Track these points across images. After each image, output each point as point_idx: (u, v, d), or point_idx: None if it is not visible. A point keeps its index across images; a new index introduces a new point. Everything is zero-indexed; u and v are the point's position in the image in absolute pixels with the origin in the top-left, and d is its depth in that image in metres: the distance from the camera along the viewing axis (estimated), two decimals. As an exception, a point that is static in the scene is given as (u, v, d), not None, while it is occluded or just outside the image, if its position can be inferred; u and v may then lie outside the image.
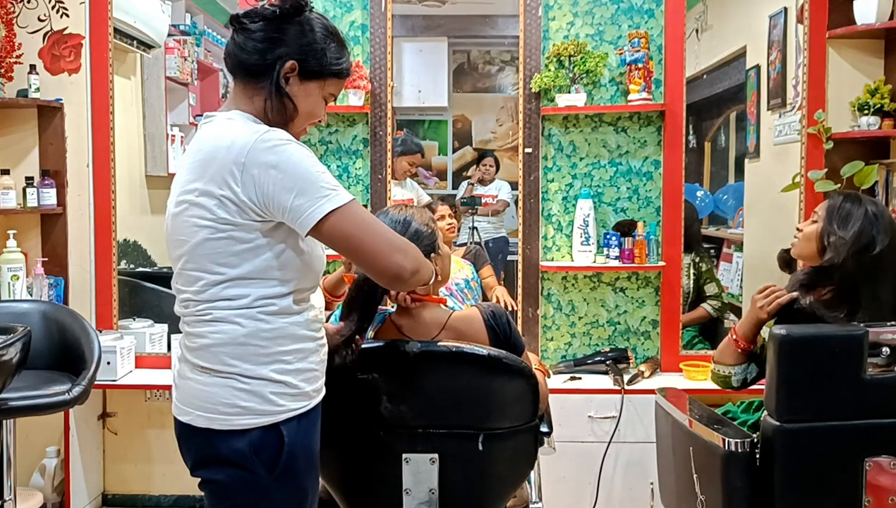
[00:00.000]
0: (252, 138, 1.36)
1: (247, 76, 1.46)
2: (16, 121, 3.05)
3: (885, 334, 1.84)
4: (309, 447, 1.48)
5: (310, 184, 1.35)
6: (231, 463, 1.41)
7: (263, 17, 1.44)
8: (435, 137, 4.40)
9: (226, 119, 1.44)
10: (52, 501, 2.99)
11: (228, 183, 1.35)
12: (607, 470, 2.84)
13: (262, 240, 1.39)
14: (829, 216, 2.05)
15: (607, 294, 3.09)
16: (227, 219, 1.37)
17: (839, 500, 1.83)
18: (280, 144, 1.36)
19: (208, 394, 1.42)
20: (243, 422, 1.40)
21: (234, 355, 1.41)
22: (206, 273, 1.41)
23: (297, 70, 1.45)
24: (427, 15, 3.97)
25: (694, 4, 3.55)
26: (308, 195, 1.35)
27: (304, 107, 1.48)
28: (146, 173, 3.48)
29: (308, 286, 1.47)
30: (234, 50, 1.47)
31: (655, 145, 3.03)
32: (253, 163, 1.34)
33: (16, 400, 2.29)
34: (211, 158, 1.38)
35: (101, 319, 3.06)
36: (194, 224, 1.40)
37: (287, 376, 1.43)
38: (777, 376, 1.81)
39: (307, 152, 1.40)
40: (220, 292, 1.41)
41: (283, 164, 1.35)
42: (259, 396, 1.40)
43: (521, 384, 1.71)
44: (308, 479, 1.48)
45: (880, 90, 2.81)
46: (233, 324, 1.40)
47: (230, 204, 1.36)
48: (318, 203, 1.35)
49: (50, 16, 3.04)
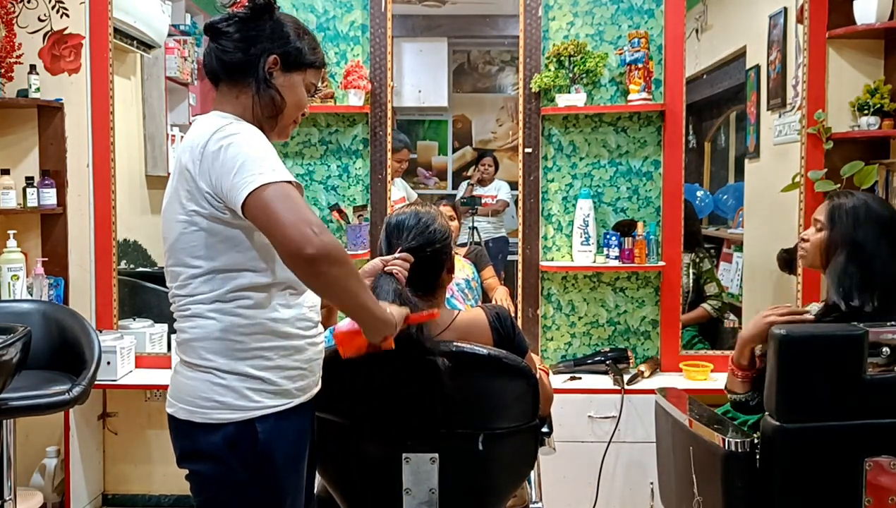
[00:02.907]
0: (210, 131, 1.40)
1: (231, 77, 1.51)
2: (16, 121, 3.05)
3: (885, 334, 1.84)
4: (290, 446, 1.48)
5: (249, 164, 1.35)
6: (209, 456, 1.44)
7: (238, 18, 1.51)
8: (435, 137, 4.40)
9: (203, 119, 1.49)
10: (52, 501, 2.99)
11: (193, 175, 1.40)
12: (607, 470, 2.84)
13: (232, 231, 1.41)
14: (830, 219, 2.03)
15: (607, 294, 3.09)
16: (198, 212, 1.41)
17: (839, 500, 1.83)
18: (233, 133, 1.39)
19: (190, 388, 1.45)
20: (219, 416, 1.42)
21: (211, 350, 1.43)
22: (184, 267, 1.45)
23: (279, 64, 1.51)
24: (427, 15, 3.97)
25: (694, 4, 3.55)
26: (241, 174, 1.34)
27: (291, 98, 1.53)
28: (146, 173, 3.48)
29: (289, 279, 1.45)
30: (214, 55, 1.52)
31: (655, 145, 3.03)
32: (207, 152, 1.38)
33: (16, 400, 2.30)
34: (181, 156, 1.43)
35: (101, 319, 3.06)
36: (174, 219, 1.45)
37: (266, 372, 1.44)
38: (777, 376, 1.81)
39: (258, 139, 1.41)
40: (198, 286, 1.44)
41: (229, 148, 1.37)
42: (235, 391, 1.42)
43: (522, 384, 1.71)
44: (287, 479, 1.48)
45: (880, 90, 2.81)
46: (207, 319, 1.43)
47: (196, 195, 1.40)
48: (251, 178, 1.33)
49: (50, 16, 3.04)
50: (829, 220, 2.03)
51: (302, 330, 1.49)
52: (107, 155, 3.03)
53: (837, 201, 2.04)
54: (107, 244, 3.04)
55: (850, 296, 1.93)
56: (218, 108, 1.52)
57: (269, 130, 1.52)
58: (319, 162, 3.10)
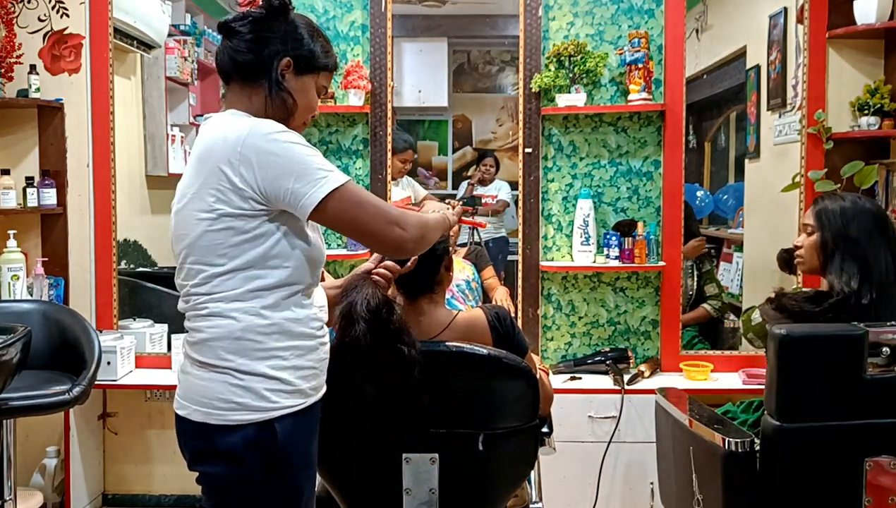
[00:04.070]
0: (247, 129, 1.41)
1: (243, 77, 1.51)
2: (16, 121, 3.05)
3: (885, 334, 1.84)
4: (305, 445, 1.48)
5: (306, 168, 1.39)
6: (226, 458, 1.42)
7: (252, 18, 1.51)
8: (435, 137, 4.40)
9: (221, 117, 1.49)
10: (52, 501, 2.98)
11: (226, 173, 1.39)
12: (607, 470, 2.84)
13: (260, 229, 1.42)
14: (819, 221, 2.04)
15: (607, 294, 3.09)
16: (226, 211, 1.40)
17: (839, 500, 1.83)
18: (274, 132, 1.41)
19: (206, 389, 1.43)
20: (237, 418, 1.41)
21: (229, 350, 1.42)
22: (206, 265, 1.43)
23: (292, 66, 1.51)
24: (427, 15, 3.97)
25: (694, 4, 3.55)
26: (307, 178, 1.39)
27: (302, 100, 1.54)
28: (146, 173, 3.48)
29: (307, 280, 1.48)
30: (227, 54, 1.52)
31: (655, 145, 3.03)
32: (250, 150, 1.38)
33: (16, 400, 2.30)
34: (208, 153, 1.42)
35: (101, 319, 3.06)
36: (195, 217, 1.43)
37: (283, 372, 1.43)
38: (777, 376, 1.81)
39: (300, 138, 1.45)
40: (219, 285, 1.43)
41: (280, 150, 1.39)
42: (254, 392, 1.41)
43: (522, 384, 1.71)
44: (303, 478, 1.49)
45: (880, 90, 2.81)
46: (228, 319, 1.42)
47: (230, 194, 1.39)
48: (318, 185, 1.39)
49: (50, 16, 3.04)
50: (818, 222, 2.05)
51: (314, 330, 1.50)
52: (107, 155, 3.03)
53: (823, 203, 2.06)
54: (107, 244, 3.04)
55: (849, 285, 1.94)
56: (231, 107, 1.51)
57: None
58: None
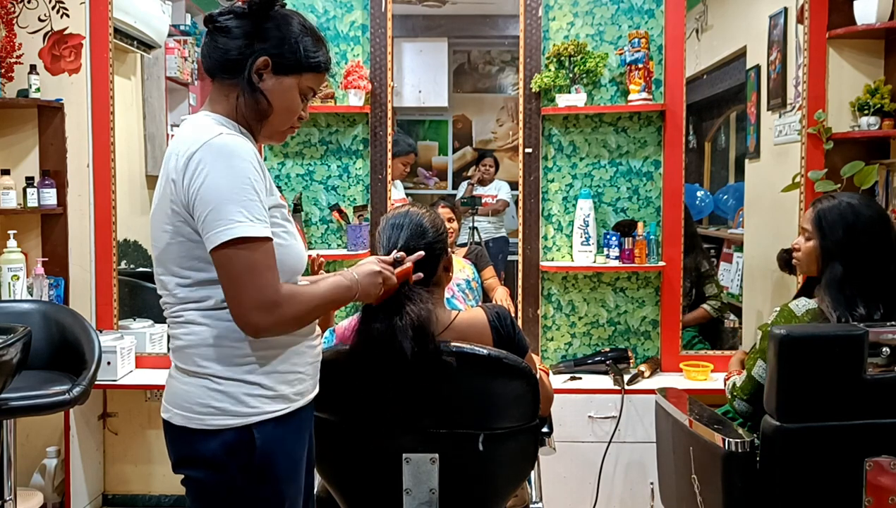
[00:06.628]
0: (199, 143, 1.34)
1: (223, 74, 1.45)
2: (16, 122, 3.05)
3: (885, 334, 1.84)
4: (289, 451, 1.45)
5: (226, 205, 1.31)
6: (206, 463, 1.41)
7: (236, 13, 1.44)
8: (435, 137, 4.40)
9: (191, 121, 1.44)
10: (52, 501, 2.99)
11: (175, 187, 1.36)
12: (607, 470, 2.84)
13: None
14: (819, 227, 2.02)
15: (607, 294, 3.09)
16: (185, 223, 1.37)
17: (839, 500, 1.83)
18: (225, 155, 1.33)
19: (186, 393, 1.42)
20: (216, 422, 1.39)
21: (206, 356, 1.40)
22: (173, 276, 1.41)
23: (270, 65, 1.43)
24: (427, 15, 3.97)
25: (694, 4, 3.55)
26: (220, 215, 1.31)
27: (280, 102, 1.45)
28: (146, 173, 3.48)
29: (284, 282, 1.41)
30: (209, 49, 1.45)
31: (655, 145, 3.03)
32: (193, 165, 1.33)
33: (16, 400, 2.29)
34: (167, 160, 1.39)
35: (101, 319, 3.06)
36: (160, 228, 1.41)
37: (262, 377, 1.41)
38: (777, 376, 1.81)
39: (251, 165, 1.35)
40: (189, 294, 1.40)
41: (219, 175, 1.32)
42: (232, 397, 1.39)
43: (522, 384, 1.71)
44: (288, 485, 1.45)
45: (880, 90, 2.81)
46: (201, 326, 1.40)
47: (179, 207, 1.36)
48: (226, 227, 1.30)
49: (50, 16, 3.04)
50: (817, 228, 2.03)
51: (299, 334, 1.47)
52: (107, 155, 3.03)
53: (821, 207, 2.03)
54: (107, 244, 3.04)
55: (855, 306, 1.92)
56: (208, 108, 1.46)
57: (258, 134, 1.48)
58: (320, 162, 3.10)
